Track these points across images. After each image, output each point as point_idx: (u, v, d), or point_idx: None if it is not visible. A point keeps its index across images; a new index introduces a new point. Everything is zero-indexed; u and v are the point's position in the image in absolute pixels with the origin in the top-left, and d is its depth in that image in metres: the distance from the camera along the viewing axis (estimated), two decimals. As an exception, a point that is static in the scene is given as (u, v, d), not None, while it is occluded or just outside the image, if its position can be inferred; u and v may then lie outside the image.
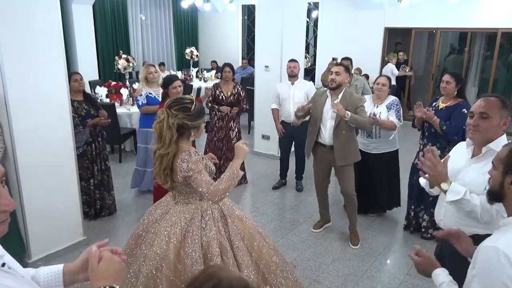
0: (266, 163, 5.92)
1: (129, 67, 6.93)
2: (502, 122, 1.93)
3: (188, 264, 2.08)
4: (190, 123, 2.12)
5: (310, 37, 10.60)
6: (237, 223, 2.32)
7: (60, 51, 3.21)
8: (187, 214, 2.22)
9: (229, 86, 4.94)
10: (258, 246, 2.30)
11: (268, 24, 5.99)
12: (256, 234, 2.36)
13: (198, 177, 2.09)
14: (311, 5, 10.02)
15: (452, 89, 3.50)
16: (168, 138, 2.08)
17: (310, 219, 4.30)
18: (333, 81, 3.51)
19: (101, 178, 4.13)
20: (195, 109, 2.13)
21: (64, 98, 3.33)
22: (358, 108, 3.50)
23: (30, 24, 2.99)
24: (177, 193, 2.29)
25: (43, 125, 3.20)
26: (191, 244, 2.12)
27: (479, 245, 1.33)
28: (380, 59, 9.22)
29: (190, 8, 11.28)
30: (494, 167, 1.45)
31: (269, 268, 2.27)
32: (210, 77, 9.92)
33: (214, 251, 2.13)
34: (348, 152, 3.59)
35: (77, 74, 4.00)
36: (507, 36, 8.60)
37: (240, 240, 2.26)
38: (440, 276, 1.52)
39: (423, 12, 8.49)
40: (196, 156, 2.15)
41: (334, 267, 3.45)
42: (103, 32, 9.61)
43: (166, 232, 2.17)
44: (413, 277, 3.31)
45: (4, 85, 2.92)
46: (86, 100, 4.02)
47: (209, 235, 2.17)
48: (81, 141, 3.90)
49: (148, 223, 2.33)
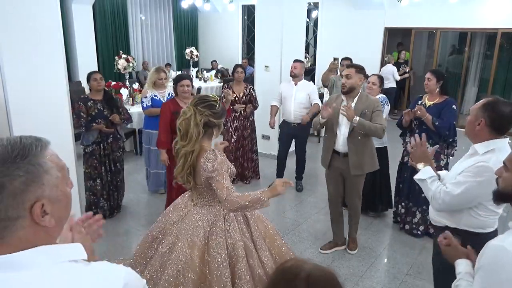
0: (266, 163, 5.92)
1: (129, 67, 6.93)
2: (477, 122, 1.95)
3: (213, 268, 2.06)
4: (215, 121, 2.16)
5: (310, 37, 10.61)
6: (258, 223, 2.34)
7: (60, 51, 3.21)
8: (210, 216, 2.20)
9: (241, 86, 5.00)
10: (278, 245, 2.34)
11: (268, 24, 5.99)
12: (275, 234, 2.39)
13: (220, 180, 2.07)
14: (311, 5, 10.02)
15: (434, 86, 3.61)
16: (195, 135, 2.09)
17: (310, 219, 4.30)
18: (344, 86, 3.25)
19: (110, 179, 4.09)
20: (219, 107, 2.18)
21: (64, 99, 3.33)
22: (375, 112, 3.20)
23: (30, 24, 2.98)
24: (198, 195, 2.24)
25: (43, 125, 3.19)
26: (216, 247, 2.10)
27: (487, 243, 1.35)
28: (380, 59, 9.22)
29: (190, 8, 11.29)
30: (506, 168, 1.43)
31: None
32: (210, 77, 9.92)
33: (240, 253, 2.12)
34: (363, 160, 3.29)
35: (97, 74, 3.99)
36: (507, 36, 8.60)
37: (263, 240, 2.27)
38: (461, 265, 1.56)
39: (423, 12, 8.49)
40: (221, 156, 2.14)
41: (334, 267, 3.45)
42: (103, 32, 9.61)
43: (188, 236, 2.14)
44: (413, 277, 3.31)
45: (4, 85, 2.91)
46: (104, 100, 3.99)
47: (233, 237, 2.16)
48: (89, 140, 3.91)
49: (165, 225, 2.29)
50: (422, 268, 3.40)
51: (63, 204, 0.93)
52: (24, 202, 0.85)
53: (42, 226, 0.88)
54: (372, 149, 3.38)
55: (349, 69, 3.27)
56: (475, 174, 1.91)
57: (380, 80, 4.13)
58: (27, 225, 0.86)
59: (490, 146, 1.93)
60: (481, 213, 1.97)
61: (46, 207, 0.88)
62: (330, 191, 3.58)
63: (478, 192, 1.91)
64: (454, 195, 1.95)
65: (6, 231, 0.85)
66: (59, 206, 0.92)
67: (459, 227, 2.01)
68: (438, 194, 2.00)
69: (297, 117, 4.80)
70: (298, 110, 4.79)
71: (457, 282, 1.51)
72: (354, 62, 5.52)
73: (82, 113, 3.84)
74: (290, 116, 4.82)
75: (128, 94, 6.76)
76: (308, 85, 4.96)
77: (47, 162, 0.89)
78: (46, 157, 0.90)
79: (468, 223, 2.00)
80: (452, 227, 2.01)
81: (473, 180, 1.91)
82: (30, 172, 0.85)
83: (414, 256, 3.60)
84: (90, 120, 3.87)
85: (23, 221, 0.86)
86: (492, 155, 1.91)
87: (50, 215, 0.89)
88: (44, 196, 0.87)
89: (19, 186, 0.84)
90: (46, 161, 0.89)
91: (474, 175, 1.92)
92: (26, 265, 0.84)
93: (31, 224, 0.87)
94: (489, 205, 1.94)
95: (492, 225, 2.03)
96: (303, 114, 4.79)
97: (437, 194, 2.01)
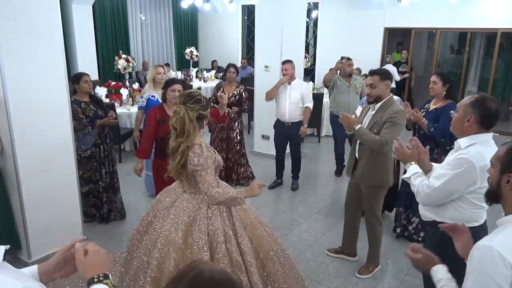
0: (265, 163, 5.93)
1: (128, 67, 6.93)
2: (466, 118, 1.98)
3: (195, 250, 2.22)
4: (205, 113, 2.35)
5: (310, 37, 10.60)
6: (240, 212, 2.48)
7: (60, 51, 3.21)
8: (194, 202, 2.36)
9: (232, 86, 4.97)
10: (259, 235, 2.46)
11: (268, 24, 5.98)
12: (258, 224, 2.52)
13: (203, 174, 2.26)
14: (311, 5, 10.01)
15: (440, 89, 3.48)
16: (192, 130, 2.26)
17: (310, 219, 4.30)
18: (370, 96, 3.00)
19: (109, 180, 4.08)
20: (204, 100, 2.37)
21: (64, 98, 3.33)
22: (386, 123, 2.91)
23: (30, 24, 2.98)
24: (186, 182, 2.39)
25: (43, 125, 3.20)
26: (198, 232, 2.26)
27: (475, 244, 1.35)
28: (380, 59, 9.22)
29: (190, 8, 11.28)
30: (492, 165, 1.45)
31: (267, 255, 2.43)
32: (210, 77, 9.92)
33: (220, 239, 2.28)
34: (374, 171, 3.03)
35: (87, 75, 3.92)
36: (506, 36, 8.61)
37: (243, 229, 2.41)
38: (439, 272, 1.53)
39: (423, 12, 8.49)
40: (207, 151, 2.31)
41: (334, 267, 3.45)
42: (103, 32, 9.61)
43: (175, 220, 2.31)
44: (413, 277, 3.31)
45: (4, 85, 2.92)
46: (92, 101, 3.96)
47: (214, 224, 2.31)
48: (89, 143, 3.86)
49: (158, 210, 2.44)
50: (422, 268, 3.40)
51: None
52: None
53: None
54: (385, 162, 3.03)
55: (372, 77, 2.96)
56: (454, 166, 1.96)
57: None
58: None
59: (473, 140, 1.97)
60: (465, 206, 2.01)
61: None
62: (346, 198, 3.47)
63: (459, 184, 1.96)
64: (435, 188, 2.00)
65: None
66: None
67: (444, 221, 2.03)
68: (421, 188, 2.06)
69: (291, 117, 4.81)
70: (292, 109, 4.79)
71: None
72: (354, 63, 5.56)
73: (80, 115, 3.79)
74: (284, 116, 4.83)
75: (128, 94, 6.76)
76: (301, 84, 4.95)
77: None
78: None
79: (453, 217, 2.03)
80: (439, 221, 2.04)
81: (453, 172, 1.95)
82: None
83: (414, 256, 3.59)
84: (89, 121, 3.84)
85: None
86: (471, 148, 1.94)
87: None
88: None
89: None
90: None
91: (453, 167, 1.97)
92: None
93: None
94: (471, 198, 1.99)
95: (478, 219, 2.05)
96: (298, 114, 4.81)
97: (419, 188, 2.07)
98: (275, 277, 2.41)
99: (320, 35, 9.95)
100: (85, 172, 3.91)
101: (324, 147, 7.14)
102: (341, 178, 5.60)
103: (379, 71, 3.05)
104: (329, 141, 6.90)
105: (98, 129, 3.91)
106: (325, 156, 6.59)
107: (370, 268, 3.33)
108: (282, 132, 4.91)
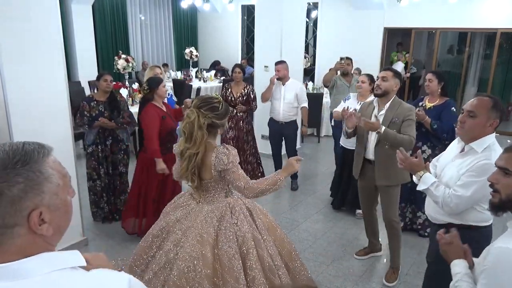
0: (265, 163, 5.92)
1: (128, 67, 6.93)
2: (489, 123, 1.96)
3: (225, 261, 2.12)
4: (219, 122, 2.20)
5: (309, 37, 10.60)
6: (261, 216, 2.41)
7: (59, 51, 3.21)
8: (217, 212, 2.25)
9: (239, 87, 4.97)
10: (279, 236, 2.42)
11: (267, 24, 5.99)
12: (277, 226, 2.48)
13: (236, 171, 2.17)
14: (310, 5, 10.01)
15: (435, 87, 3.60)
16: (199, 137, 2.14)
17: (310, 219, 4.30)
18: (378, 88, 3.02)
19: (108, 182, 4.06)
20: (222, 108, 2.21)
21: (64, 99, 3.33)
22: (405, 121, 2.94)
23: (30, 25, 2.98)
24: (202, 192, 2.30)
25: (42, 125, 3.19)
26: (226, 241, 2.16)
27: (491, 244, 1.34)
28: (380, 59, 9.22)
29: (189, 8, 11.28)
30: (504, 172, 1.39)
31: (290, 256, 2.39)
32: (210, 77, 9.92)
33: (250, 245, 2.18)
34: (391, 170, 2.98)
35: (108, 75, 3.92)
36: (506, 36, 8.61)
37: (266, 231, 2.34)
38: (458, 266, 1.53)
39: (422, 12, 8.49)
40: (232, 149, 2.21)
41: (334, 267, 3.45)
42: (103, 32, 9.60)
43: (197, 232, 2.17)
44: (413, 277, 3.31)
45: (3, 86, 2.91)
46: (107, 102, 3.94)
47: (242, 229, 2.22)
48: (90, 140, 3.92)
49: (167, 223, 2.32)
50: (422, 268, 3.38)
51: (62, 212, 0.91)
52: (22, 210, 0.83)
53: (39, 234, 0.86)
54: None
55: (386, 72, 3.06)
56: (480, 173, 1.92)
57: (369, 79, 4.10)
58: (24, 233, 0.84)
59: (486, 143, 1.96)
60: (485, 207, 1.95)
61: (44, 215, 0.86)
62: (363, 207, 3.45)
63: (487, 189, 1.93)
64: (466, 197, 1.96)
65: (3, 237, 0.83)
66: (58, 214, 0.89)
67: (464, 223, 2.01)
68: (449, 198, 1.98)
69: (285, 117, 4.85)
70: (287, 110, 4.83)
71: (456, 283, 1.48)
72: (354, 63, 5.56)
73: (86, 112, 3.85)
74: (279, 115, 4.86)
75: (127, 94, 6.76)
76: (296, 85, 4.96)
77: (48, 169, 0.87)
78: (48, 164, 0.88)
79: (475, 218, 2.01)
80: (457, 224, 2.02)
81: (481, 180, 1.91)
82: (30, 179, 0.83)
83: (414, 256, 3.60)
84: (91, 120, 3.87)
85: (20, 228, 0.84)
86: (490, 152, 1.94)
87: (48, 223, 0.86)
88: (43, 204, 0.85)
89: (18, 194, 0.82)
90: (47, 169, 0.87)
91: (479, 174, 1.93)
92: (24, 273, 0.82)
93: (29, 232, 0.85)
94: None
95: (491, 216, 2.03)
96: (292, 113, 4.85)
97: (447, 199, 1.99)
98: (296, 272, 2.41)
99: (320, 35, 9.95)
100: (87, 167, 3.99)
101: (324, 147, 7.14)
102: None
103: (394, 69, 3.13)
104: (329, 141, 6.90)
105: (98, 129, 3.91)
106: (325, 156, 6.59)
107: (396, 274, 3.29)
108: (277, 131, 4.95)
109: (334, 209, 4.51)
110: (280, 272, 2.22)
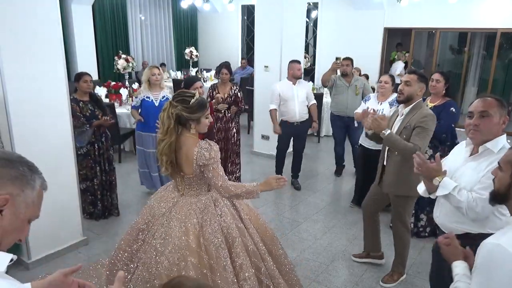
0: (265, 163, 5.93)
1: (128, 67, 6.93)
2: (501, 120, 1.96)
3: (212, 251, 2.20)
4: (186, 115, 2.24)
5: (309, 37, 10.60)
6: (243, 206, 2.53)
7: (59, 51, 3.21)
8: (199, 204, 2.33)
9: (226, 87, 4.84)
10: (261, 223, 2.56)
11: (267, 24, 5.99)
12: (258, 215, 2.61)
13: (216, 168, 2.23)
14: (310, 5, 10.01)
15: (441, 88, 3.59)
16: (166, 125, 2.23)
17: (310, 219, 4.30)
18: (401, 93, 2.85)
19: (104, 179, 4.11)
20: (193, 103, 2.25)
21: (64, 98, 3.33)
22: (416, 128, 2.76)
23: (30, 24, 2.98)
24: (185, 185, 2.36)
25: (42, 125, 3.19)
26: (212, 232, 2.24)
27: (482, 242, 1.34)
28: (380, 59, 9.22)
29: (189, 8, 11.29)
30: (500, 168, 1.43)
31: (272, 240, 2.54)
32: (210, 77, 9.92)
33: (235, 234, 2.29)
34: (401, 179, 2.86)
35: (87, 76, 3.96)
36: (506, 36, 8.62)
37: (249, 220, 2.47)
38: (458, 267, 1.55)
39: (422, 12, 8.49)
40: (216, 146, 2.27)
41: (334, 267, 3.45)
42: (103, 32, 9.60)
43: (182, 224, 2.24)
44: (413, 276, 3.31)
45: (3, 85, 2.91)
46: (91, 101, 4.01)
47: (226, 220, 2.32)
48: (83, 141, 3.90)
49: (152, 216, 2.38)
50: (422, 268, 3.40)
51: (16, 224, 1.01)
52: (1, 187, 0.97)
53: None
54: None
55: (410, 75, 2.84)
56: None
57: (392, 79, 4.13)
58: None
59: (500, 143, 1.95)
60: (503, 212, 1.93)
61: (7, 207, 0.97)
62: (365, 207, 3.32)
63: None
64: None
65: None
66: (13, 222, 1.00)
67: (483, 231, 1.92)
68: (474, 203, 1.90)
69: (301, 116, 4.88)
70: (302, 108, 4.88)
71: (455, 284, 1.51)
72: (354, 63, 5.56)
73: (78, 113, 3.85)
74: (295, 116, 4.84)
75: (127, 94, 6.76)
76: (305, 84, 5.09)
77: (37, 185, 1.07)
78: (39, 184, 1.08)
79: (493, 226, 1.93)
80: (476, 233, 1.94)
81: None
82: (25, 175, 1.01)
83: (414, 256, 3.60)
84: (86, 120, 3.88)
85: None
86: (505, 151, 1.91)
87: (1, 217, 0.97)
88: (15, 199, 0.98)
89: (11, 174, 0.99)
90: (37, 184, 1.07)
91: None
92: None
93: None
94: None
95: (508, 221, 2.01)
96: (305, 112, 4.91)
97: (472, 203, 1.90)
98: (281, 259, 2.53)
99: (320, 35, 9.95)
100: (81, 169, 3.95)
101: (324, 147, 7.14)
102: (341, 178, 5.60)
103: (419, 73, 2.92)
104: (329, 141, 6.91)
105: (94, 129, 3.95)
106: (325, 156, 6.59)
107: (395, 277, 3.21)
108: (290, 133, 4.97)
109: (357, 205, 4.48)
110: (265, 257, 2.36)
